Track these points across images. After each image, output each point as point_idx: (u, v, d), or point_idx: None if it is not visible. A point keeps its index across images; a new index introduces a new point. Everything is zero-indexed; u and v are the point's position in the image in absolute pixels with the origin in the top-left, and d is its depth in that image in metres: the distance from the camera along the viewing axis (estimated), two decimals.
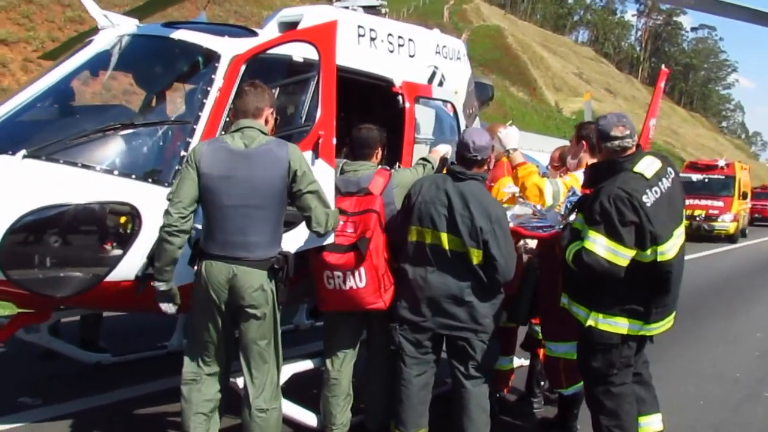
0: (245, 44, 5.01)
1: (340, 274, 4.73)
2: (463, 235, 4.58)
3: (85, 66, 5.09)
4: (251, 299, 4.17)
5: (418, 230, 4.70)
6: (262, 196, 4.15)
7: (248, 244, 4.14)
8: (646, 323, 4.38)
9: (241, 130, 4.22)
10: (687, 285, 6.82)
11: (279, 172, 4.16)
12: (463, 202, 4.61)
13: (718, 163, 27.23)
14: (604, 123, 4.41)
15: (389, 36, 6.37)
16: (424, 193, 4.72)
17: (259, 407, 4.30)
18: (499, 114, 35.88)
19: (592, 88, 65.75)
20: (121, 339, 7.16)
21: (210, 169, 4.11)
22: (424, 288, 4.69)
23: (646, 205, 4.15)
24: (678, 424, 5.87)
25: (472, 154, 4.74)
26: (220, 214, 4.13)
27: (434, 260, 4.67)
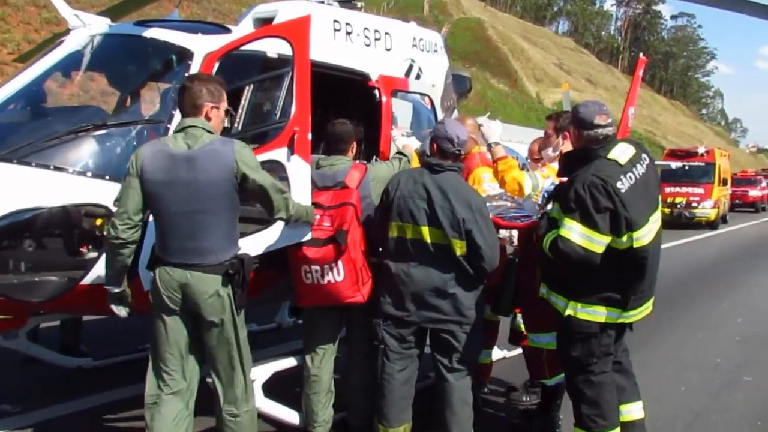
0: (218, 41, 4.97)
1: (318, 268, 4.71)
2: (445, 227, 4.57)
3: (57, 67, 5.04)
4: (207, 306, 4.00)
5: (399, 225, 4.68)
6: (208, 200, 3.93)
7: (200, 250, 3.96)
8: (624, 311, 4.39)
9: (185, 129, 4.00)
10: (668, 272, 6.92)
11: (224, 174, 3.93)
12: (443, 194, 4.60)
13: (698, 150, 27.39)
14: (586, 111, 4.40)
15: (365, 30, 6.35)
16: (402, 188, 4.70)
17: (229, 412, 4.22)
18: (480, 106, 35.94)
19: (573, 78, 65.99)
20: (102, 343, 7.10)
21: (152, 174, 3.90)
22: (408, 282, 4.67)
23: (620, 191, 4.15)
24: (659, 412, 5.89)
25: (456, 149, 4.74)
26: (168, 220, 3.96)
27: (416, 254, 4.65)
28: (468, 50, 54.48)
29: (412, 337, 4.79)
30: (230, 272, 4.02)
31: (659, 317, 9.42)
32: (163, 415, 4.09)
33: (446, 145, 4.74)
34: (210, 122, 4.07)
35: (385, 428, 4.85)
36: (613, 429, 4.52)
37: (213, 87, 4.11)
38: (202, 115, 4.04)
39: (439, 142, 4.79)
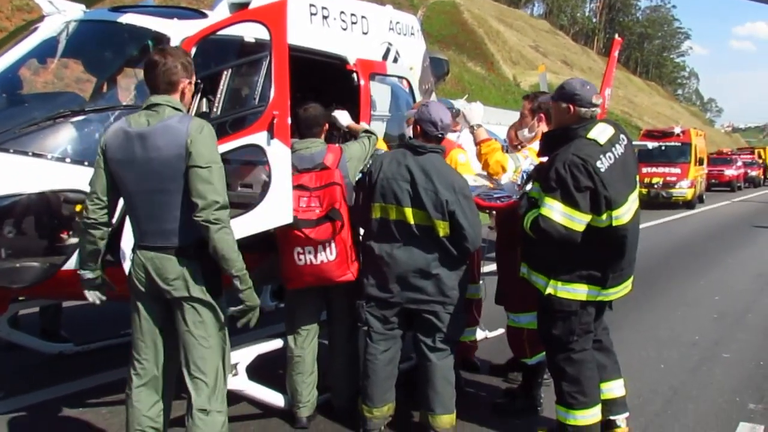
0: (194, 26, 4.95)
1: (311, 249, 4.75)
2: (428, 209, 4.63)
3: (32, 54, 5.02)
4: (173, 289, 3.77)
5: (382, 207, 4.74)
6: (163, 179, 3.69)
7: (164, 232, 3.76)
8: (603, 288, 4.46)
9: (151, 107, 3.76)
10: (646, 251, 7.01)
11: (176, 151, 3.63)
12: (426, 175, 4.66)
13: (674, 130, 27.56)
14: (584, 90, 4.45)
15: (342, 14, 6.35)
16: (386, 170, 4.74)
17: (200, 407, 3.86)
18: (458, 89, 35.93)
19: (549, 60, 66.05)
20: (83, 328, 7.09)
21: (112, 153, 3.75)
22: (391, 264, 4.73)
23: (600, 170, 4.21)
24: (639, 388, 6.00)
25: (439, 132, 4.82)
26: (132, 202, 3.81)
27: (400, 236, 4.72)
28: (444, 33, 54.38)
29: (396, 318, 4.85)
30: (193, 253, 3.77)
31: (638, 296, 9.54)
32: (136, 408, 3.95)
33: (429, 128, 4.80)
34: (183, 99, 3.90)
35: (369, 408, 4.90)
36: (593, 406, 4.61)
37: (186, 61, 3.89)
38: (178, 93, 3.84)
39: (422, 125, 4.84)
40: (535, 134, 5.50)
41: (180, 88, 3.84)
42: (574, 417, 4.60)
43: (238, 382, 4.85)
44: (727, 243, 16.30)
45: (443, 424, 4.84)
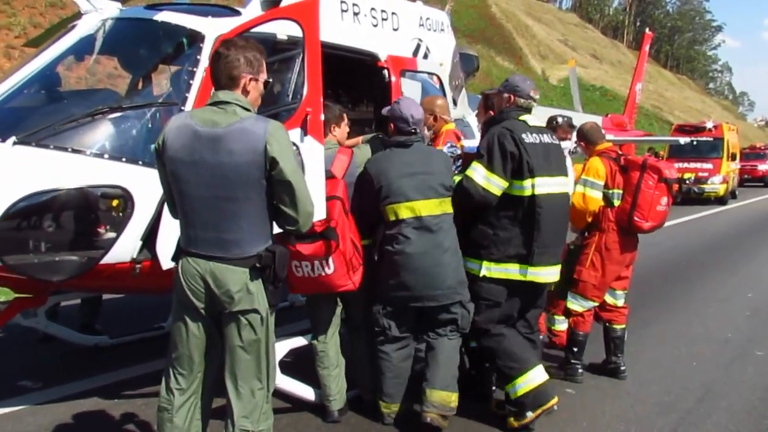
0: (229, 24, 5.02)
1: (308, 264, 4.71)
2: (436, 193, 4.80)
3: (70, 51, 5.11)
4: (233, 302, 3.50)
5: (392, 207, 4.80)
6: (234, 186, 3.42)
7: (223, 242, 3.48)
8: (531, 265, 4.85)
9: (217, 104, 3.50)
10: (678, 248, 6.99)
11: (252, 156, 3.38)
12: (423, 163, 4.84)
13: (706, 125, 27.26)
14: (524, 84, 5.11)
15: (372, 10, 6.39)
16: (384, 170, 4.83)
17: (243, 428, 3.61)
18: (486, 84, 35.74)
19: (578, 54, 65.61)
20: (118, 321, 7.21)
21: (174, 152, 3.46)
22: (407, 264, 4.77)
23: (524, 140, 4.82)
24: (671, 386, 5.99)
25: (411, 128, 4.93)
26: (189, 206, 3.51)
27: (413, 233, 4.77)
28: (472, 28, 54.10)
29: (412, 317, 4.93)
30: (258, 266, 3.50)
31: (670, 292, 9.54)
32: (174, 424, 3.68)
33: (401, 125, 4.95)
34: (247, 96, 3.57)
35: (387, 405, 4.99)
36: (531, 368, 4.92)
37: (252, 55, 3.58)
38: (239, 89, 3.53)
39: (395, 122, 4.99)
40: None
41: (242, 83, 3.53)
42: (515, 388, 4.90)
43: None
44: (760, 239, 16.12)
45: (440, 399, 4.82)
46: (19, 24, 17.97)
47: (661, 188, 5.86)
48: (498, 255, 4.89)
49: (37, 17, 18.69)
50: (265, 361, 3.62)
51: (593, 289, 6.05)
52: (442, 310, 4.85)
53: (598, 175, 5.95)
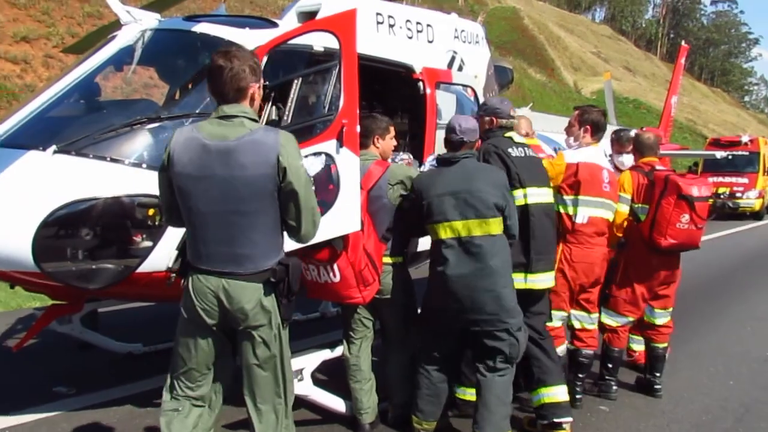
0: (266, 36, 5.05)
1: (314, 267, 4.74)
2: (479, 212, 4.61)
3: (110, 61, 5.18)
4: (248, 318, 3.46)
5: (435, 227, 4.71)
6: (246, 200, 3.37)
7: (237, 257, 3.41)
8: (530, 272, 5.00)
9: (222, 118, 3.43)
10: (712, 263, 6.88)
11: (265, 169, 3.33)
12: (465, 181, 4.68)
13: (741, 139, 26.82)
14: (502, 106, 5.29)
15: (407, 22, 6.40)
16: (429, 190, 4.74)
17: None
18: (518, 96, 35.67)
19: (611, 66, 65.12)
20: (151, 329, 7.25)
21: (182, 167, 3.38)
22: (445, 286, 4.66)
23: (511, 155, 5.02)
24: (709, 405, 5.89)
25: (459, 136, 4.83)
26: (199, 221, 3.41)
27: (452, 254, 4.65)
28: (504, 40, 54.02)
29: (454, 339, 4.87)
30: (273, 280, 3.47)
31: (705, 309, 9.38)
32: (185, 423, 3.66)
33: (450, 135, 4.89)
34: (253, 105, 3.54)
35: (420, 421, 4.93)
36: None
37: (254, 62, 3.51)
38: (247, 99, 3.47)
39: (445, 133, 4.97)
40: (580, 144, 5.71)
41: (250, 93, 3.47)
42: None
43: (302, 388, 4.91)
44: None
45: None
46: (58, 34, 18.27)
47: (681, 206, 5.68)
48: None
49: (75, 27, 18.99)
50: (281, 376, 3.61)
51: (625, 304, 5.97)
52: (486, 336, 4.66)
53: (624, 188, 5.91)
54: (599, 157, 5.70)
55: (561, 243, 5.50)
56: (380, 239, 4.90)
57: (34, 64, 17.26)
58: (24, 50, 17.37)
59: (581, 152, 5.61)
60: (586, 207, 5.49)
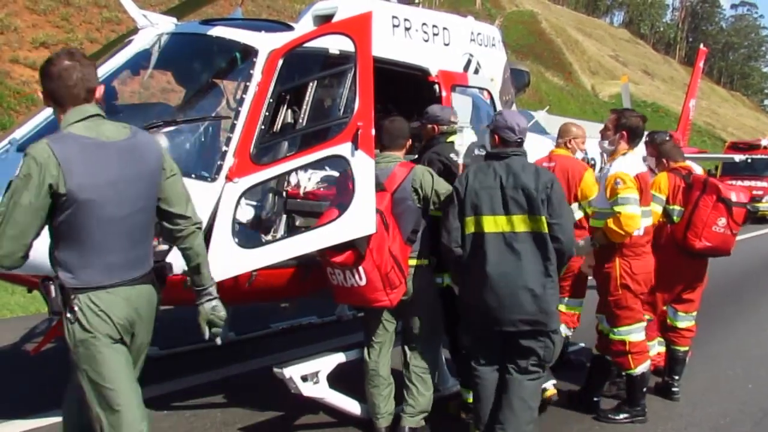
0: (282, 39, 5.05)
1: (339, 272, 4.73)
2: (524, 209, 4.48)
3: (127, 65, 5.19)
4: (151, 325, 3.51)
5: (475, 220, 4.55)
6: (147, 195, 3.34)
7: (139, 259, 3.35)
8: None
9: (90, 118, 3.23)
10: (731, 267, 6.82)
11: (157, 161, 3.37)
12: (514, 177, 4.54)
13: (761, 142, 26.58)
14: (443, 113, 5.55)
15: (423, 25, 6.39)
16: (473, 181, 4.60)
17: None
18: (535, 100, 35.60)
19: (629, 70, 64.79)
20: (168, 333, 7.26)
21: (89, 176, 3.10)
22: (485, 283, 4.50)
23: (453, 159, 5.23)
24: (727, 408, 5.84)
25: (518, 137, 4.71)
26: (104, 231, 3.18)
27: (496, 249, 4.50)
28: (521, 43, 53.94)
29: (498, 340, 4.64)
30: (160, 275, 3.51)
31: (725, 312, 9.29)
32: None
33: (508, 135, 4.69)
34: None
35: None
36: None
37: (94, 64, 3.46)
38: (95, 99, 3.32)
39: (500, 133, 4.74)
40: (615, 149, 5.60)
41: (97, 93, 3.33)
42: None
43: (318, 390, 4.91)
44: None
45: None
46: (77, 39, 18.43)
47: (719, 208, 5.70)
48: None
49: (94, 33, 19.16)
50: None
51: (642, 304, 5.90)
52: (522, 337, 4.52)
53: (660, 189, 5.90)
54: (640, 162, 5.67)
55: (617, 257, 5.40)
56: (405, 241, 4.86)
57: None
58: (43, 56, 17.39)
59: (630, 163, 5.47)
60: (645, 218, 5.45)
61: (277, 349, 6.79)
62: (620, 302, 5.36)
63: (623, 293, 5.39)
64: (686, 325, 6.14)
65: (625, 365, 5.52)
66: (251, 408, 5.58)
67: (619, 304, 5.38)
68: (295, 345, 6.91)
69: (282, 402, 5.45)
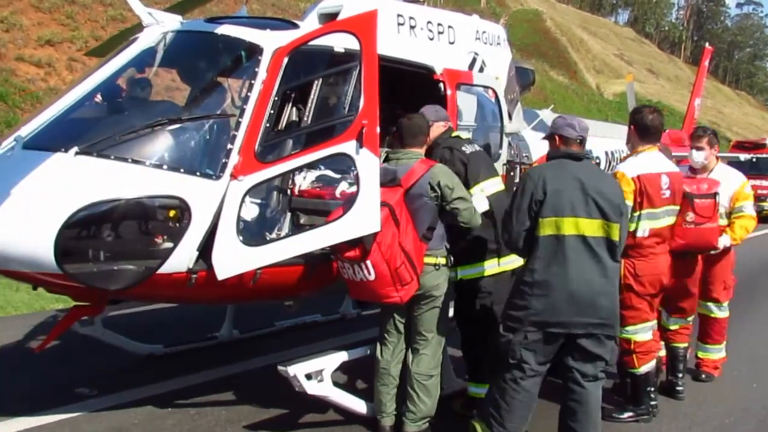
0: (287, 37, 5.05)
1: (348, 265, 4.73)
2: (605, 214, 4.36)
3: (132, 63, 5.19)
4: None
5: (555, 222, 4.35)
6: None
7: None
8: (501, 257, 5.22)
9: None
10: (737, 267, 6.78)
11: None
12: (595, 181, 4.43)
13: (766, 141, 26.51)
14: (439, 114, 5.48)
15: (428, 23, 6.39)
16: (553, 182, 4.40)
17: None
18: (540, 98, 35.54)
19: (634, 69, 64.66)
20: (172, 331, 7.28)
21: None
22: (572, 285, 4.31)
23: (465, 152, 5.22)
24: (731, 407, 5.84)
25: (579, 134, 4.62)
26: None
27: (574, 252, 4.34)
28: (526, 42, 53.85)
29: (556, 349, 4.44)
30: None
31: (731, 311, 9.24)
32: None
33: (569, 132, 4.60)
34: None
35: None
36: None
37: None
38: None
39: (560, 132, 4.64)
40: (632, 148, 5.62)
41: None
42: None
43: (323, 388, 4.91)
44: None
45: None
46: (81, 37, 18.46)
47: (684, 203, 5.61)
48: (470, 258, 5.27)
49: (99, 31, 19.17)
50: None
51: None
52: (592, 342, 4.38)
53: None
54: (655, 161, 5.50)
55: (621, 258, 5.26)
56: (421, 239, 4.81)
57: (58, 67, 17.45)
58: (48, 53, 17.57)
59: (635, 163, 5.47)
60: (648, 220, 5.40)
61: (282, 347, 6.80)
62: (624, 302, 5.31)
63: (627, 294, 5.37)
64: (677, 327, 6.18)
65: (629, 364, 5.52)
66: (255, 406, 5.58)
67: (623, 304, 5.33)
68: (300, 343, 6.92)
69: (286, 400, 5.45)
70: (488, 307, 5.25)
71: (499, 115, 6.94)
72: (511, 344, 4.41)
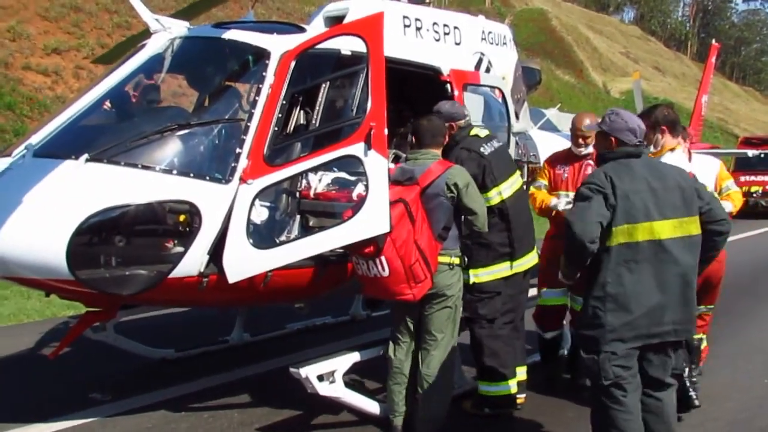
0: (294, 41, 5.07)
1: (363, 261, 4.76)
2: (681, 210, 4.03)
3: (140, 70, 5.22)
4: None
5: (628, 229, 3.97)
6: None
7: None
8: (514, 260, 5.31)
9: None
10: (746, 261, 6.79)
11: None
12: (659, 177, 4.08)
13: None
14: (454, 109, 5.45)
15: (434, 25, 6.40)
16: (620, 185, 4.00)
17: None
18: (546, 97, 35.48)
19: (641, 67, 64.40)
20: (184, 335, 7.31)
21: None
22: (636, 298, 3.96)
23: (485, 154, 5.26)
24: (746, 403, 5.82)
25: (638, 140, 4.21)
26: None
27: (652, 258, 3.98)
28: (531, 41, 53.72)
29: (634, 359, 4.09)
30: None
31: (742, 307, 9.24)
32: None
33: (628, 138, 4.16)
34: None
35: None
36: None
37: None
38: None
39: (618, 135, 4.17)
40: (661, 147, 5.33)
41: None
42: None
43: (334, 389, 4.92)
44: None
45: None
46: (88, 45, 18.53)
47: None
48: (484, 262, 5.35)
49: (105, 38, 19.24)
50: None
51: None
52: (670, 348, 4.13)
53: None
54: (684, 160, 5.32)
55: None
56: (436, 238, 4.82)
57: (64, 75, 17.52)
58: (55, 62, 17.65)
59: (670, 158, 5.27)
60: None
61: (293, 349, 6.82)
62: None
63: None
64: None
65: None
66: (268, 408, 5.60)
67: None
68: (311, 345, 6.94)
69: (298, 402, 5.48)
70: (497, 307, 5.30)
71: (506, 115, 6.95)
72: (599, 365, 4.03)
